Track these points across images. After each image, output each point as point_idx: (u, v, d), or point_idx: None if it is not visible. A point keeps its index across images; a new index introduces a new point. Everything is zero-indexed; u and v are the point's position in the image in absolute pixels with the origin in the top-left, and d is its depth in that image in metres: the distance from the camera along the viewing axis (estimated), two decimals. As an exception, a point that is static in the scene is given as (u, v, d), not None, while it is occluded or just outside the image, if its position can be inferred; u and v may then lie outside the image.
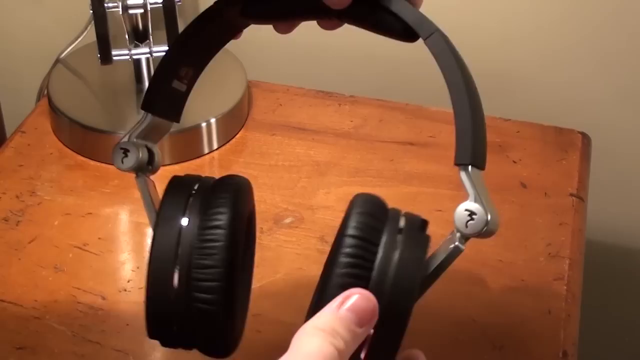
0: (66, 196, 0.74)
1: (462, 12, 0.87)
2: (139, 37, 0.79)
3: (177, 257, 0.44)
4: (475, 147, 0.44)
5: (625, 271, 0.98)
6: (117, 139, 0.77)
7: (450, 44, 0.45)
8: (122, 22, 0.78)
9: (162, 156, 0.51)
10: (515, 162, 0.77)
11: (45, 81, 0.85)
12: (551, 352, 0.61)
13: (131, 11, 0.77)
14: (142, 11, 0.77)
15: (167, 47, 0.79)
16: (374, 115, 0.83)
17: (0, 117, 0.99)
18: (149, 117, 0.49)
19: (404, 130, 0.81)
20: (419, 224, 0.45)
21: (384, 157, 0.78)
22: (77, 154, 0.78)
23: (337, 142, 0.80)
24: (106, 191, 0.74)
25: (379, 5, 0.46)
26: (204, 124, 0.78)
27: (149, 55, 0.80)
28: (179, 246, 0.44)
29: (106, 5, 0.76)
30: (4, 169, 0.76)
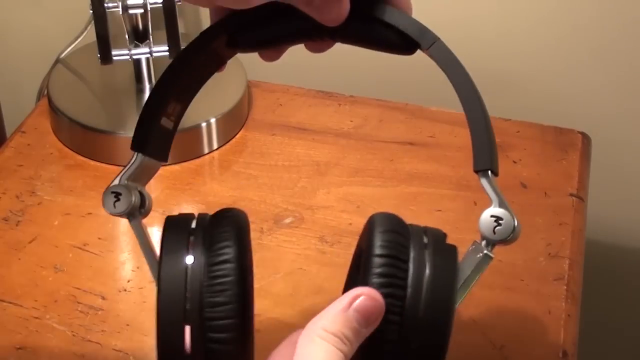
0: (66, 196, 0.74)
1: (462, 11, 0.87)
2: (139, 37, 0.79)
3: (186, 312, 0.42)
4: (492, 153, 0.44)
5: (625, 271, 0.98)
6: (117, 139, 0.78)
7: (451, 52, 0.45)
8: (122, 22, 0.78)
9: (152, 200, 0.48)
10: (515, 162, 0.77)
11: (45, 81, 0.85)
12: (551, 352, 0.61)
13: (131, 11, 0.77)
14: (142, 11, 0.77)
15: (167, 47, 0.79)
16: (374, 115, 0.83)
17: (0, 117, 0.99)
18: (139, 158, 0.46)
19: (403, 130, 0.81)
20: (442, 237, 0.44)
21: (384, 157, 0.78)
22: (77, 154, 0.78)
23: (337, 142, 0.80)
24: (106, 191, 0.74)
25: (374, 17, 0.45)
26: (204, 124, 0.78)
27: (149, 55, 0.80)
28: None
29: (106, 5, 0.76)
30: (4, 169, 0.76)
